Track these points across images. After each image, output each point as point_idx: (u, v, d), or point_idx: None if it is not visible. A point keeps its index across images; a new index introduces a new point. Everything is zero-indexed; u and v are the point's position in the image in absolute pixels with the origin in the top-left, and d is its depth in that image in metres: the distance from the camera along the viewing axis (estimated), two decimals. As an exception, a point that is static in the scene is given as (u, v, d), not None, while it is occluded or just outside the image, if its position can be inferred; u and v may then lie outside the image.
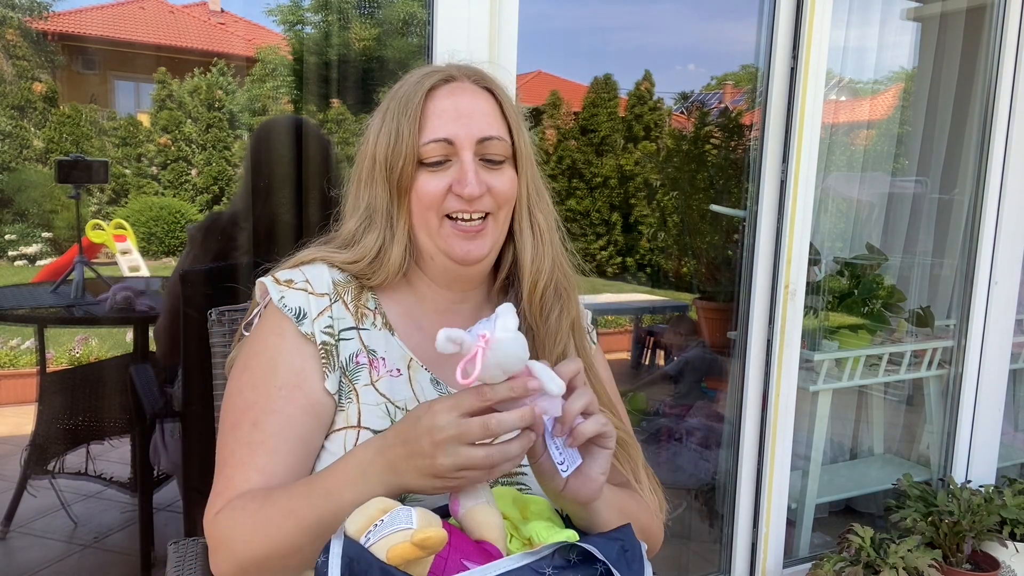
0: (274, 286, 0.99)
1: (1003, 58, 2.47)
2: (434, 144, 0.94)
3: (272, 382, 0.93)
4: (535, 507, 0.86)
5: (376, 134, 0.98)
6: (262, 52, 8.61)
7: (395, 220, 0.98)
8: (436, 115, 0.95)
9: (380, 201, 0.98)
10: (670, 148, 6.55)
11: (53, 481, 2.62)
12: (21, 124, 8.48)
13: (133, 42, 9.61)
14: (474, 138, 0.95)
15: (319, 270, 1.00)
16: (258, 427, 0.91)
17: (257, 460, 0.89)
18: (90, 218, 7.06)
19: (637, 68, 9.29)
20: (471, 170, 0.94)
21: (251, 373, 0.95)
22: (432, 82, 0.97)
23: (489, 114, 0.97)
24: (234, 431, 0.92)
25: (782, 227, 2.13)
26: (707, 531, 2.58)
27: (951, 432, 2.67)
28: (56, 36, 8.94)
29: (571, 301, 1.03)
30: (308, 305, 0.97)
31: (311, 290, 0.98)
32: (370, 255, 0.99)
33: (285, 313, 0.96)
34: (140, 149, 8.80)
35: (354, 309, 1.00)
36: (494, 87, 1.01)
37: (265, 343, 0.96)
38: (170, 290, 2.14)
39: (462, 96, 0.97)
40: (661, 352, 4.61)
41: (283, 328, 0.96)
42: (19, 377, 4.12)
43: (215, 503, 0.88)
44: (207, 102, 8.76)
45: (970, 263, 2.59)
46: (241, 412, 0.92)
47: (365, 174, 0.99)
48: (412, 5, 5.28)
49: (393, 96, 0.99)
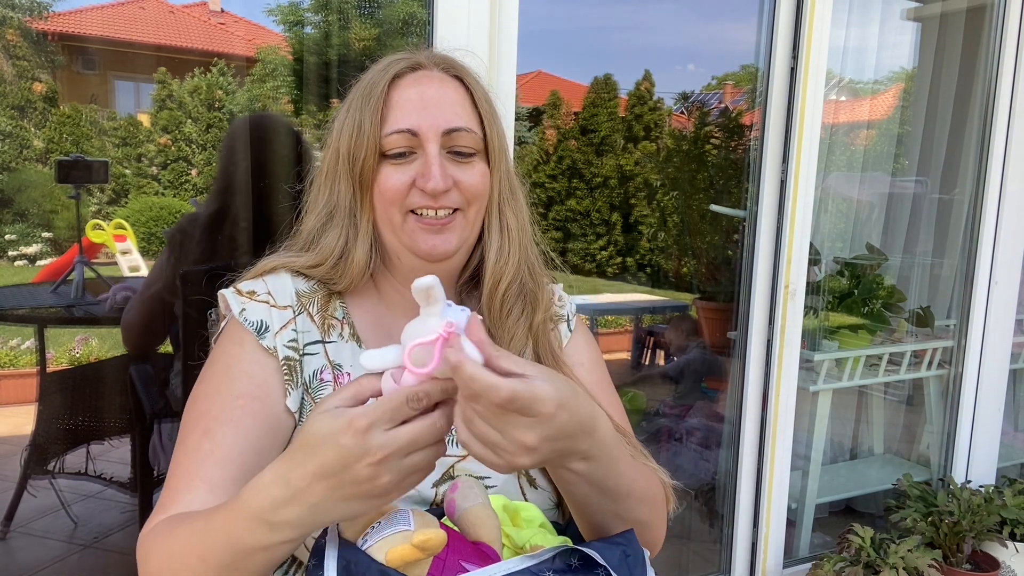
0: (235, 298, 0.93)
1: (1003, 58, 2.47)
2: (396, 135, 0.88)
3: (229, 391, 0.87)
4: (526, 514, 0.85)
5: (340, 126, 0.92)
6: (262, 52, 8.60)
7: (358, 217, 0.92)
8: (399, 105, 0.89)
9: (343, 197, 0.92)
10: (670, 148, 6.55)
11: (53, 481, 2.62)
12: (21, 124, 8.48)
13: (133, 42, 9.60)
14: (440, 129, 0.88)
15: (282, 281, 0.94)
16: (209, 436, 0.84)
17: (204, 471, 0.82)
18: (90, 218, 7.05)
19: (637, 68, 9.28)
20: (435, 163, 0.87)
21: (207, 382, 0.89)
22: (397, 70, 0.91)
23: (458, 104, 0.91)
24: (186, 441, 0.86)
25: (782, 227, 2.13)
26: (707, 531, 2.58)
27: (951, 432, 2.67)
28: (56, 36, 8.93)
29: (537, 303, 0.97)
30: (270, 318, 0.91)
31: (273, 302, 0.92)
32: (333, 256, 0.93)
33: (246, 327, 0.90)
34: (140, 149, 8.79)
35: (320, 321, 0.93)
36: (465, 75, 0.94)
37: (223, 352, 0.91)
38: (154, 293, 2.12)
39: (428, 85, 0.91)
40: (661, 352, 4.60)
41: (243, 339, 0.90)
42: (19, 377, 4.12)
43: (152, 518, 0.83)
44: (207, 102, 8.75)
45: (970, 263, 2.59)
46: (194, 421, 0.86)
47: (328, 169, 0.94)
48: (412, 5, 5.29)
49: (358, 86, 0.93)
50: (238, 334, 0.91)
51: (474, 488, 0.78)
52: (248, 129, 2.05)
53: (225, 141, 2.18)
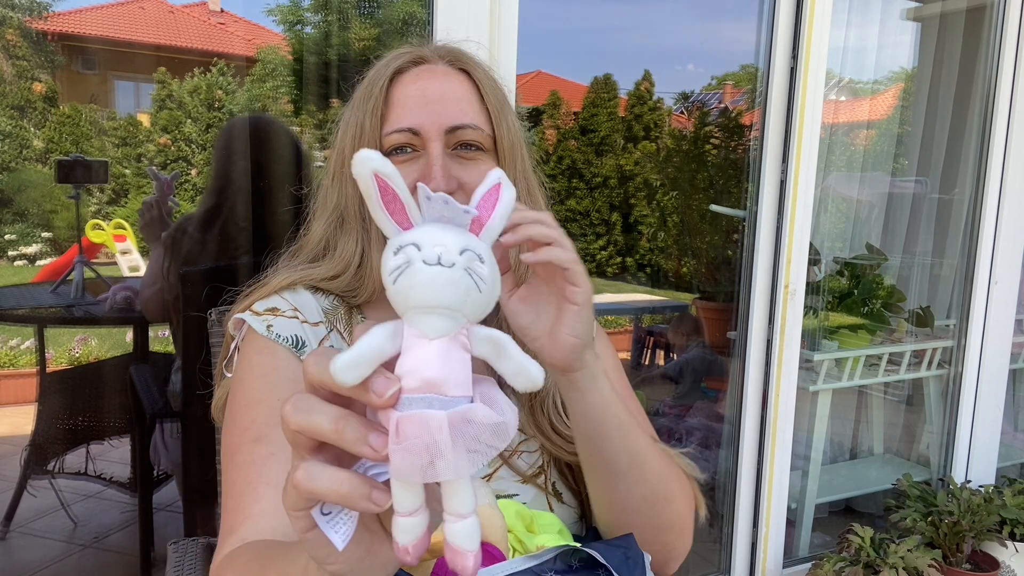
0: (254, 318, 0.85)
1: (1003, 58, 2.47)
2: (397, 134, 0.83)
3: (273, 396, 0.79)
4: (542, 520, 0.82)
5: (344, 126, 0.88)
6: (262, 52, 8.61)
7: (368, 221, 0.86)
8: (401, 102, 0.84)
9: (352, 201, 0.87)
10: (670, 148, 6.55)
11: (53, 481, 2.62)
12: (21, 124, 8.48)
13: (133, 42, 9.60)
14: (443, 127, 0.82)
15: (303, 297, 0.88)
16: (262, 441, 0.76)
17: (267, 474, 0.74)
18: (90, 218, 7.05)
19: (637, 68, 9.29)
20: (438, 164, 0.81)
21: (242, 396, 0.81)
22: (399, 64, 0.86)
23: (463, 99, 0.85)
24: (234, 458, 0.77)
25: (782, 227, 2.13)
26: (707, 531, 2.58)
27: (951, 432, 2.67)
28: (56, 36, 8.93)
29: None
30: (305, 334, 0.84)
31: (303, 318, 0.85)
32: (353, 264, 0.86)
33: (279, 343, 0.82)
34: (140, 149, 8.80)
35: (349, 338, 0.86)
36: (473, 68, 0.88)
37: (252, 365, 0.83)
38: (156, 291, 2.13)
39: (431, 80, 0.85)
40: (661, 352, 4.61)
41: (275, 351, 0.83)
42: (19, 377, 4.12)
43: (223, 544, 0.73)
44: (207, 102, 8.75)
45: (970, 263, 2.59)
46: (239, 436, 0.78)
47: (335, 171, 0.89)
48: (412, 5, 5.29)
49: (361, 83, 0.88)
50: (267, 347, 0.83)
51: (481, 488, 0.77)
52: (246, 129, 2.06)
53: (221, 140, 2.16)
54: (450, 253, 0.40)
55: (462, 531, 0.41)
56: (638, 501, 0.79)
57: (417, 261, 0.40)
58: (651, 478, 0.79)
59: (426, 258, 0.40)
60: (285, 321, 0.85)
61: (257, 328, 0.84)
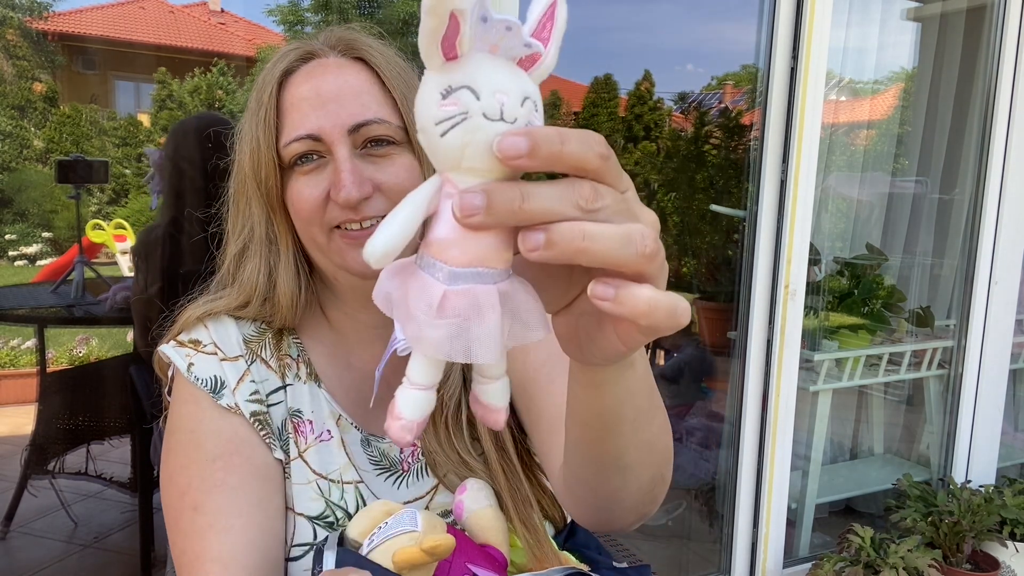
0: (178, 352, 0.80)
1: (1003, 58, 2.47)
2: (297, 143, 0.75)
3: (202, 456, 0.76)
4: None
5: (239, 140, 0.80)
6: (262, 52, 8.61)
7: (277, 242, 0.80)
8: (294, 107, 0.76)
9: (257, 221, 0.80)
10: (670, 148, 6.56)
11: (53, 481, 2.62)
12: (21, 124, 8.48)
13: (133, 42, 9.60)
14: (344, 127, 0.74)
15: (224, 327, 0.82)
16: (200, 510, 0.74)
17: (210, 549, 0.72)
18: (90, 218, 7.05)
19: (637, 68, 9.27)
20: (346, 169, 0.73)
21: (176, 455, 0.78)
22: (286, 65, 0.78)
23: (363, 92, 0.76)
24: (179, 524, 0.75)
25: (782, 227, 2.13)
26: (707, 531, 2.58)
27: (951, 432, 2.67)
28: (56, 36, 8.93)
29: None
30: (223, 373, 0.79)
31: (223, 355, 0.80)
32: (258, 292, 0.80)
33: (199, 388, 0.79)
34: (140, 149, 8.79)
35: (276, 364, 0.82)
36: (368, 55, 0.78)
37: (180, 416, 0.79)
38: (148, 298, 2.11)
39: (324, 76, 0.76)
40: (661, 352, 4.60)
41: (198, 399, 0.79)
42: (19, 377, 4.11)
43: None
44: (207, 102, 8.75)
45: (970, 263, 2.60)
46: (178, 500, 0.75)
47: (237, 190, 0.81)
48: (412, 5, 5.29)
49: (252, 88, 0.79)
50: (192, 394, 0.79)
51: (483, 491, 0.77)
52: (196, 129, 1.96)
53: (169, 145, 2.03)
54: (512, 104, 0.34)
55: (494, 391, 0.41)
56: (634, 491, 0.65)
57: (477, 115, 0.33)
58: (656, 460, 0.63)
59: (487, 111, 0.33)
60: (204, 359, 0.80)
61: (180, 366, 0.80)
